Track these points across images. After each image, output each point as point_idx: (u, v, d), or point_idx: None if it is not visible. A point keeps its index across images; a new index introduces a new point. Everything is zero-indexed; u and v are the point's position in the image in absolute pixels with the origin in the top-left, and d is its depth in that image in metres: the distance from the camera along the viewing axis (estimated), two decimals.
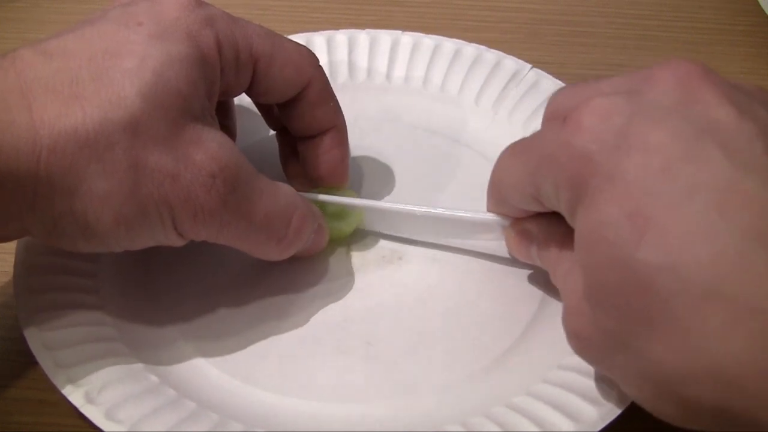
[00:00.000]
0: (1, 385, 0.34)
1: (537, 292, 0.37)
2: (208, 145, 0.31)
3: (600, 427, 0.31)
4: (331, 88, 0.38)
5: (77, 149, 0.29)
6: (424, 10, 0.54)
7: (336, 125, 0.38)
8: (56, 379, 0.32)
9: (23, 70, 0.30)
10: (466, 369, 0.34)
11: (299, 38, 0.46)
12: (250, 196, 0.33)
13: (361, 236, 0.39)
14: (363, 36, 0.47)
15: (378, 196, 0.41)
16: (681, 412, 0.27)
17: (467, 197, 0.37)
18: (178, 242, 0.32)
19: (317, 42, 0.46)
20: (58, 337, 0.33)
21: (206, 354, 0.35)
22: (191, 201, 0.31)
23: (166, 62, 0.31)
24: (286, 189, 0.35)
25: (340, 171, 0.39)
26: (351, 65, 0.46)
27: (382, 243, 0.39)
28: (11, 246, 0.36)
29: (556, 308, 0.34)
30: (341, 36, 0.47)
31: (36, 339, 0.33)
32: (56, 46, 0.31)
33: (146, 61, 0.30)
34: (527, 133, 0.41)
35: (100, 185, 0.30)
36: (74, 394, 0.31)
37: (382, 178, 0.42)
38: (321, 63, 0.37)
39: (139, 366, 0.33)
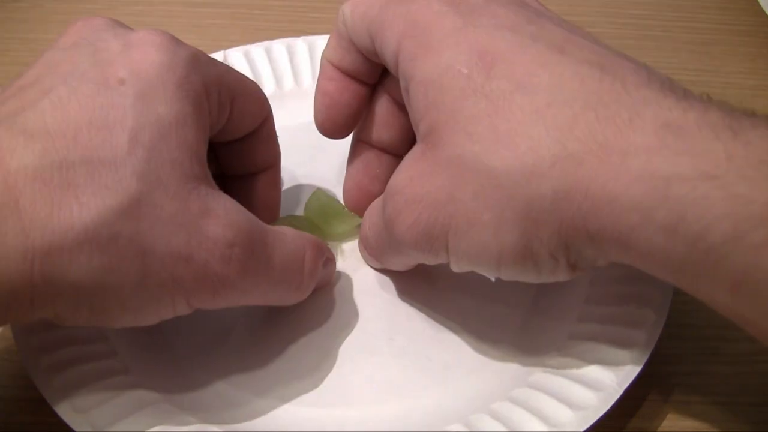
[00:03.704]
0: (1, 385, 0.34)
1: None
2: (218, 213, 0.29)
3: (620, 394, 0.31)
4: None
5: (75, 246, 0.27)
6: None
7: (275, 164, 0.37)
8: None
9: (3, 158, 0.27)
10: (494, 344, 0.35)
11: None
12: (265, 254, 0.31)
13: (351, 238, 0.39)
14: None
15: None
16: (523, 226, 0.28)
17: None
18: (188, 312, 0.30)
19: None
20: (84, 397, 0.32)
21: (236, 384, 0.34)
22: (209, 278, 0.29)
23: (156, 132, 0.28)
24: (289, 232, 0.33)
25: (274, 211, 0.38)
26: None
27: None
28: None
29: (556, 285, 0.34)
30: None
31: (64, 404, 0.31)
32: (34, 121, 0.27)
33: (137, 135, 0.28)
34: None
35: (106, 280, 0.27)
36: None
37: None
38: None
39: (174, 410, 0.32)
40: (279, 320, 0.36)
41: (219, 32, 0.50)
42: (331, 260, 0.36)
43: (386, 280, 0.37)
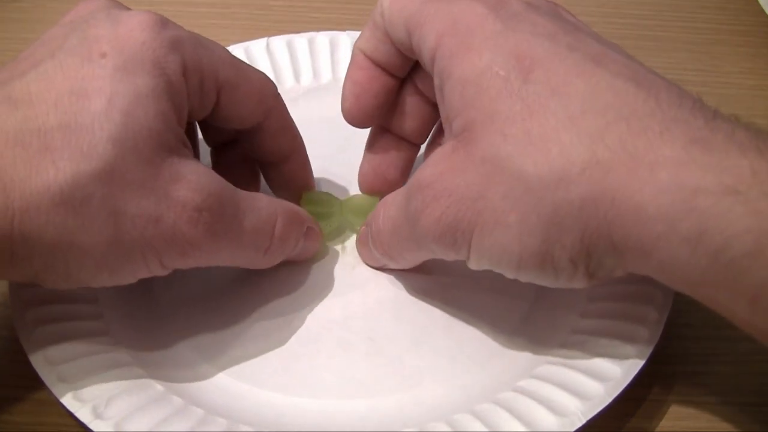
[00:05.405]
0: (1, 385, 0.34)
1: None
2: (188, 179, 0.31)
3: (607, 403, 0.31)
4: (289, 114, 0.38)
5: (51, 207, 0.28)
6: None
7: (296, 150, 0.38)
8: (59, 393, 0.32)
9: None
10: (470, 358, 0.35)
11: (303, 38, 0.47)
12: (235, 217, 0.32)
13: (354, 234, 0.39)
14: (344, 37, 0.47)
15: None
16: (547, 231, 0.29)
17: None
18: (164, 273, 0.32)
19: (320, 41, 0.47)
20: (60, 350, 0.33)
21: (210, 359, 0.35)
22: (177, 239, 0.30)
23: (134, 99, 0.30)
24: (263, 199, 0.34)
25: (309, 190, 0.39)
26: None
27: None
28: None
29: (553, 293, 0.34)
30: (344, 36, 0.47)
31: (38, 354, 0.33)
32: (20, 90, 0.29)
33: (114, 101, 0.29)
34: None
35: (79, 239, 0.29)
36: (81, 411, 0.31)
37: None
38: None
39: (143, 374, 0.33)
40: (266, 301, 0.37)
41: (219, 32, 0.50)
42: (313, 231, 0.37)
43: (382, 280, 0.38)
